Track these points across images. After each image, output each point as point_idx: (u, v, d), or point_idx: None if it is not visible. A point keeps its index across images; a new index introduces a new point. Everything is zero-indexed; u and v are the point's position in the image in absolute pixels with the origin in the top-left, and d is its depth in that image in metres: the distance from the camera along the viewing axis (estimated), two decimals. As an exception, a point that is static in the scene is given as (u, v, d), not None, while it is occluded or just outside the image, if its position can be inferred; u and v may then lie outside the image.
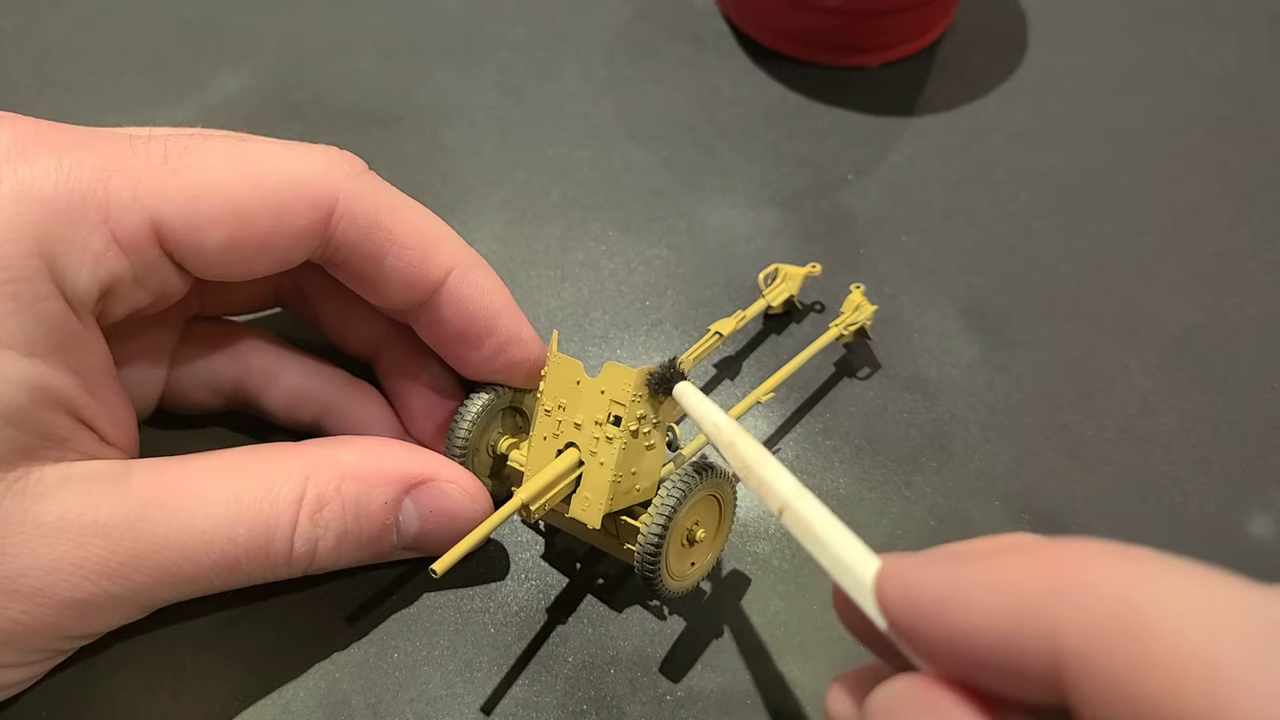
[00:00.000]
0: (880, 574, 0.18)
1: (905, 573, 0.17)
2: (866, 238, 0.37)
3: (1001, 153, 0.40)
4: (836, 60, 0.42)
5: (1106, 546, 0.16)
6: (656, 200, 0.38)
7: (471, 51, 0.42)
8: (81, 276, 0.22)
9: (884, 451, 0.31)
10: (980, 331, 0.34)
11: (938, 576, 0.17)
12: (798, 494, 0.20)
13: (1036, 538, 0.17)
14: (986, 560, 0.16)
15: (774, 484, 0.20)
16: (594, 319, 0.34)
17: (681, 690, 0.26)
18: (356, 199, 0.25)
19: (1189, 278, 0.36)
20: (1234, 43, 0.44)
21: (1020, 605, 0.15)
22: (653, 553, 0.24)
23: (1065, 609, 0.15)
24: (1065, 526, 0.30)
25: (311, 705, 0.26)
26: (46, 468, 0.22)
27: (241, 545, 0.23)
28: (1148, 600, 0.14)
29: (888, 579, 0.18)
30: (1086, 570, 0.15)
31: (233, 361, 0.29)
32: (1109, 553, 0.15)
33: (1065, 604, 0.15)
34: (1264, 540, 0.30)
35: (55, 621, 0.22)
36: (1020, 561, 0.16)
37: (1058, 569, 0.15)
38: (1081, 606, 0.15)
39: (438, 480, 0.26)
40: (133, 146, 0.23)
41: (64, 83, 0.41)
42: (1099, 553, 0.15)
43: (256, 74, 0.41)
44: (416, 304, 0.26)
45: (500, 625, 0.27)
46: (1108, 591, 0.15)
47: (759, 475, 0.21)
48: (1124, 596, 0.14)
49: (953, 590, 0.16)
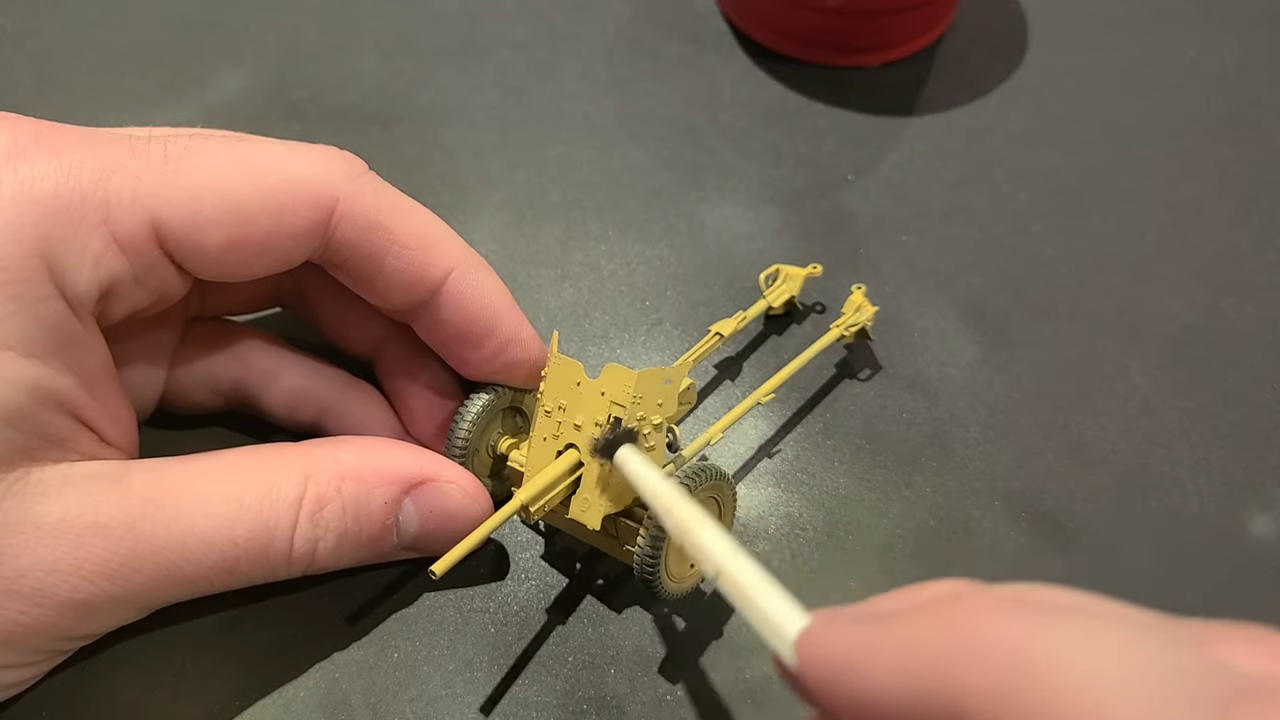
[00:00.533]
0: (800, 636, 0.18)
1: (821, 635, 0.18)
2: (866, 238, 0.37)
3: (1001, 153, 0.40)
4: (836, 60, 0.42)
5: (1008, 598, 0.16)
6: (656, 200, 0.38)
7: (471, 51, 0.42)
8: (81, 277, 0.22)
9: (884, 451, 0.31)
10: (980, 331, 0.34)
11: (849, 638, 0.17)
12: (731, 557, 0.20)
13: (959, 589, 0.17)
14: (897, 620, 0.17)
15: (710, 549, 0.21)
16: (594, 319, 0.34)
17: (681, 690, 0.26)
18: (357, 199, 0.25)
19: (1189, 278, 0.36)
20: (1234, 43, 0.44)
21: (926, 666, 0.15)
22: (652, 555, 0.24)
23: (968, 669, 0.15)
24: (1065, 526, 0.30)
25: (311, 705, 0.26)
26: (46, 468, 0.22)
27: (241, 545, 0.23)
28: (1044, 654, 0.14)
29: (805, 641, 0.18)
30: (988, 626, 0.15)
31: (233, 362, 0.29)
32: (1008, 607, 0.15)
33: (968, 664, 0.15)
34: (1264, 540, 0.30)
35: (55, 622, 0.22)
36: (926, 621, 0.16)
37: (961, 627, 0.15)
38: (982, 666, 0.15)
39: (438, 480, 0.26)
40: (133, 147, 0.23)
41: (64, 83, 0.41)
42: (998, 607, 0.15)
43: (256, 74, 0.41)
44: (417, 304, 0.26)
45: (500, 625, 0.27)
46: (1005, 648, 0.15)
47: (695, 540, 0.21)
48: (1021, 652, 0.14)
49: (862, 652, 0.16)
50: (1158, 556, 0.29)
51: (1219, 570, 0.29)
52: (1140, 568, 0.29)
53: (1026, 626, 0.15)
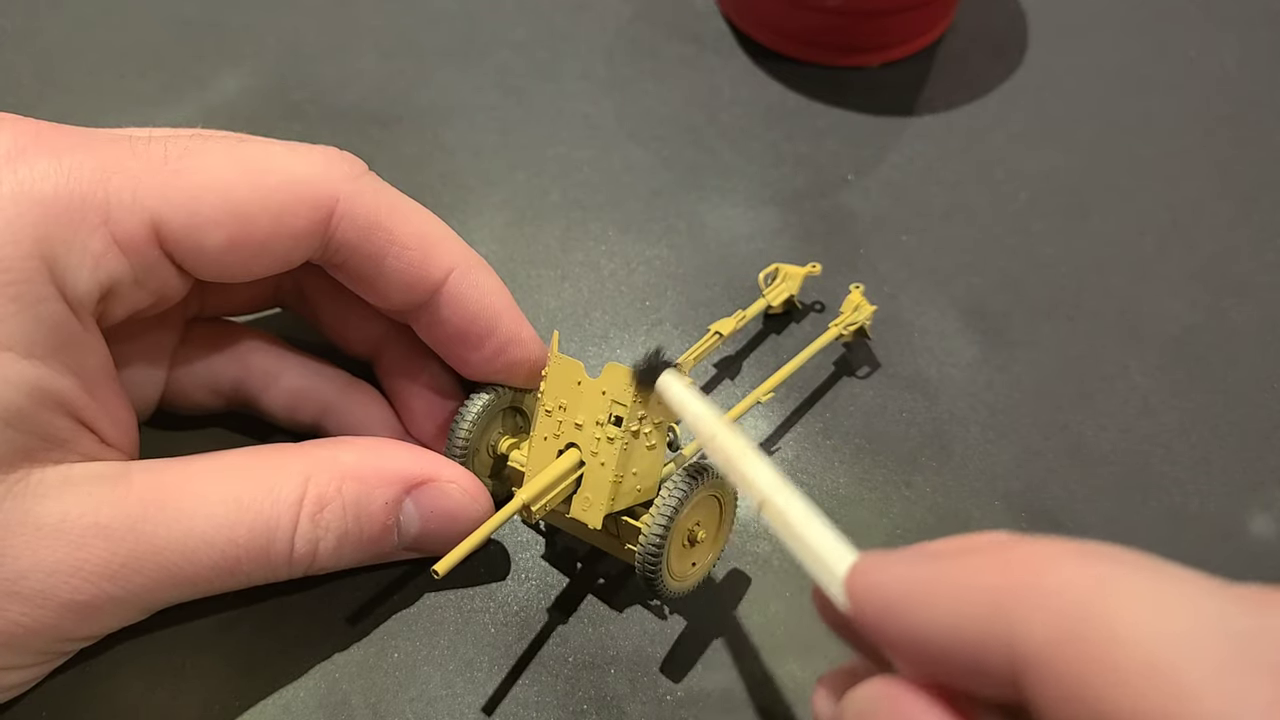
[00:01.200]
0: (851, 570, 0.18)
1: (874, 570, 0.17)
2: (866, 238, 0.37)
3: (1001, 153, 0.40)
4: (836, 60, 0.42)
5: (1072, 547, 0.16)
6: (656, 200, 0.38)
7: (471, 51, 0.42)
8: (82, 278, 0.22)
9: (884, 451, 0.31)
10: (980, 331, 0.34)
11: (905, 574, 0.17)
12: (777, 487, 0.20)
13: (1014, 536, 0.17)
14: (955, 559, 0.16)
15: (754, 478, 0.20)
16: (594, 319, 0.34)
17: (681, 690, 0.26)
18: (357, 200, 0.25)
19: (1189, 278, 0.36)
20: (1234, 43, 0.44)
21: (982, 605, 0.15)
22: (654, 553, 0.24)
23: (1026, 613, 0.15)
24: (1065, 526, 0.30)
25: (311, 705, 0.26)
26: (47, 469, 0.22)
27: (242, 546, 0.23)
28: (1109, 606, 0.14)
29: (857, 576, 0.18)
30: (1050, 573, 0.15)
31: (233, 362, 0.29)
32: (1073, 554, 0.15)
33: (1026, 608, 0.15)
34: (1264, 540, 0.30)
35: (56, 624, 0.22)
36: (986, 562, 0.16)
37: (1021, 570, 0.15)
38: (1043, 609, 0.15)
39: (438, 480, 0.26)
40: (133, 147, 0.23)
41: (64, 83, 0.41)
42: (1063, 554, 0.15)
43: (256, 74, 0.41)
44: (417, 304, 0.26)
45: (500, 625, 0.27)
46: (1070, 595, 0.14)
47: (739, 469, 0.21)
48: (1086, 601, 0.14)
49: (918, 588, 0.16)
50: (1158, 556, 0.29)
51: (1219, 570, 0.29)
52: (1140, 567, 0.29)
53: (1091, 576, 0.15)
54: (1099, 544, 0.16)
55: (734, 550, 0.29)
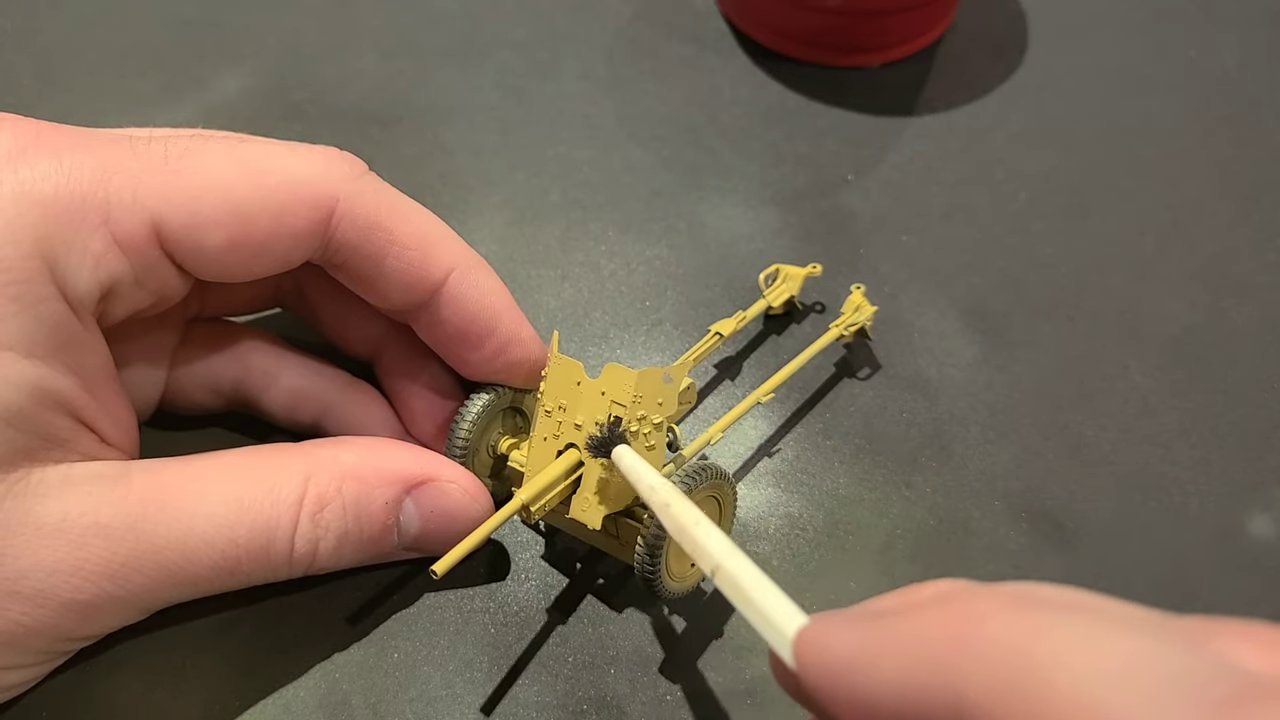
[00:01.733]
0: (797, 636, 0.18)
1: (820, 635, 0.17)
2: (866, 238, 0.37)
3: (1001, 153, 0.39)
4: (836, 60, 0.42)
5: (1009, 595, 0.16)
6: (656, 200, 0.38)
7: (471, 51, 0.42)
8: (82, 278, 0.22)
9: (884, 451, 0.31)
10: (980, 331, 0.34)
11: (849, 637, 0.17)
12: (729, 554, 0.20)
13: (955, 587, 0.17)
14: (897, 617, 0.16)
15: (707, 545, 0.21)
16: (594, 319, 0.34)
17: (681, 690, 0.26)
18: (357, 200, 0.25)
19: (1189, 278, 0.36)
20: (1234, 43, 0.44)
21: (925, 663, 0.15)
22: (653, 554, 0.24)
23: (967, 666, 0.15)
24: (1065, 526, 0.30)
25: (311, 705, 0.26)
26: (47, 469, 0.22)
27: (242, 546, 0.23)
28: (1046, 653, 0.14)
29: (803, 642, 0.18)
30: (988, 624, 0.15)
31: (232, 362, 0.29)
32: (1010, 603, 0.15)
33: (967, 660, 0.15)
34: (1264, 540, 0.30)
35: (56, 623, 0.22)
36: (926, 618, 0.16)
37: (960, 623, 0.15)
38: (982, 661, 0.15)
39: (438, 480, 0.26)
40: (133, 148, 0.23)
41: (64, 83, 0.41)
42: (1000, 604, 0.15)
43: (256, 74, 0.41)
44: (417, 305, 0.26)
45: (500, 625, 0.27)
46: (1007, 645, 0.15)
47: (692, 537, 0.21)
48: (1022, 649, 0.14)
49: (862, 652, 0.16)
50: (1158, 556, 0.29)
51: (1219, 570, 0.29)
52: (1140, 568, 0.29)
53: (1027, 624, 0.15)
54: (1037, 587, 0.16)
55: (734, 550, 0.29)
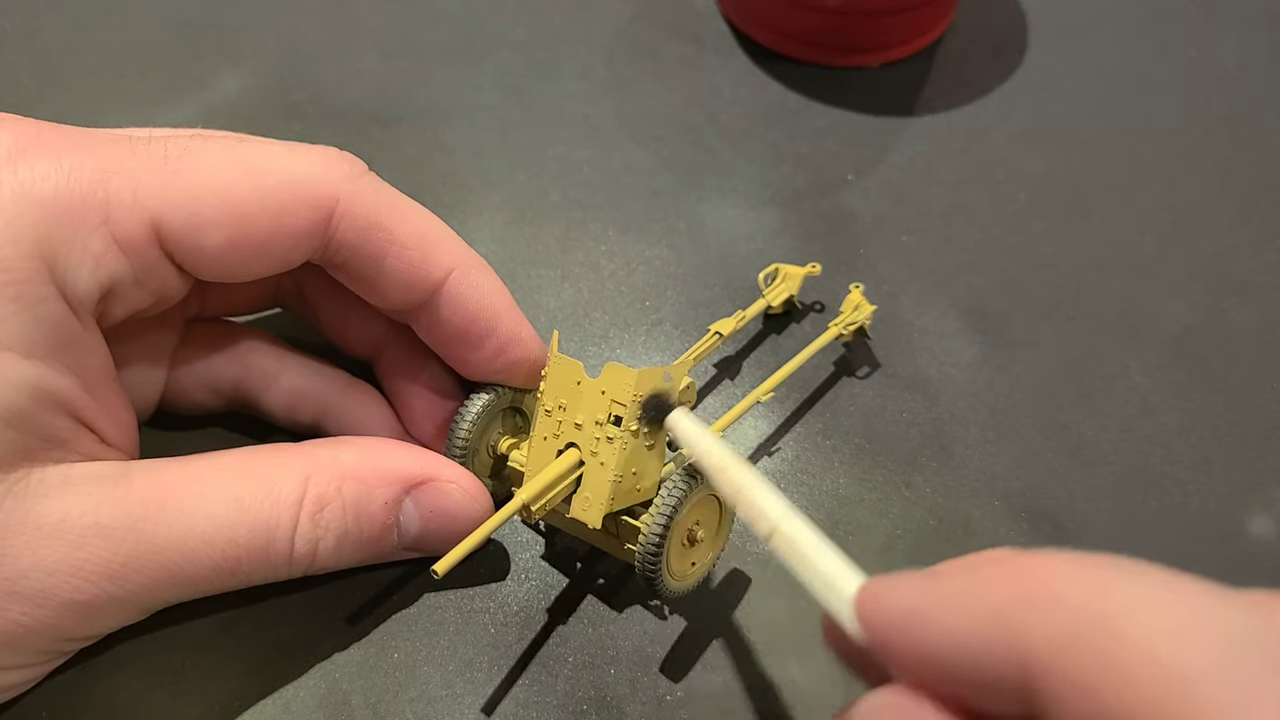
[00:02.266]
0: (860, 592, 0.18)
1: (882, 590, 0.18)
2: (866, 238, 0.37)
3: (1001, 153, 0.39)
4: (836, 60, 0.42)
5: (1072, 556, 0.16)
6: (656, 200, 0.38)
7: (471, 51, 0.42)
8: (82, 278, 0.22)
9: (884, 451, 0.31)
10: (980, 331, 0.34)
11: (912, 592, 0.17)
12: (786, 516, 0.20)
13: (1013, 551, 0.17)
14: (959, 575, 0.17)
15: (764, 507, 0.21)
16: (594, 319, 0.34)
17: (681, 690, 0.26)
18: (357, 200, 0.25)
19: (1189, 278, 0.36)
20: (1234, 43, 0.44)
21: (989, 618, 0.16)
22: (654, 553, 0.24)
23: (1033, 619, 0.15)
24: (1065, 526, 0.30)
25: (311, 705, 0.26)
26: (47, 469, 0.22)
27: (242, 546, 0.23)
28: (1114, 608, 0.14)
29: (866, 596, 0.18)
30: (1053, 580, 0.15)
31: (232, 362, 0.29)
32: (1075, 562, 0.16)
33: (1033, 614, 0.15)
34: (1264, 540, 0.30)
35: (57, 623, 0.22)
36: (989, 575, 0.16)
37: (1025, 580, 0.16)
38: (1049, 616, 0.15)
39: (438, 480, 0.26)
40: (133, 148, 0.23)
41: (64, 83, 0.41)
42: (1065, 562, 0.16)
43: (256, 74, 0.41)
44: (417, 305, 0.26)
45: (500, 625, 0.27)
46: (1074, 600, 0.15)
47: (749, 499, 0.21)
48: (1091, 605, 0.15)
49: (926, 605, 0.17)
50: (1158, 557, 0.29)
51: (1219, 570, 0.29)
52: (1140, 568, 0.29)
53: (1094, 581, 0.15)
54: (1096, 555, 0.16)
55: (734, 550, 0.29)
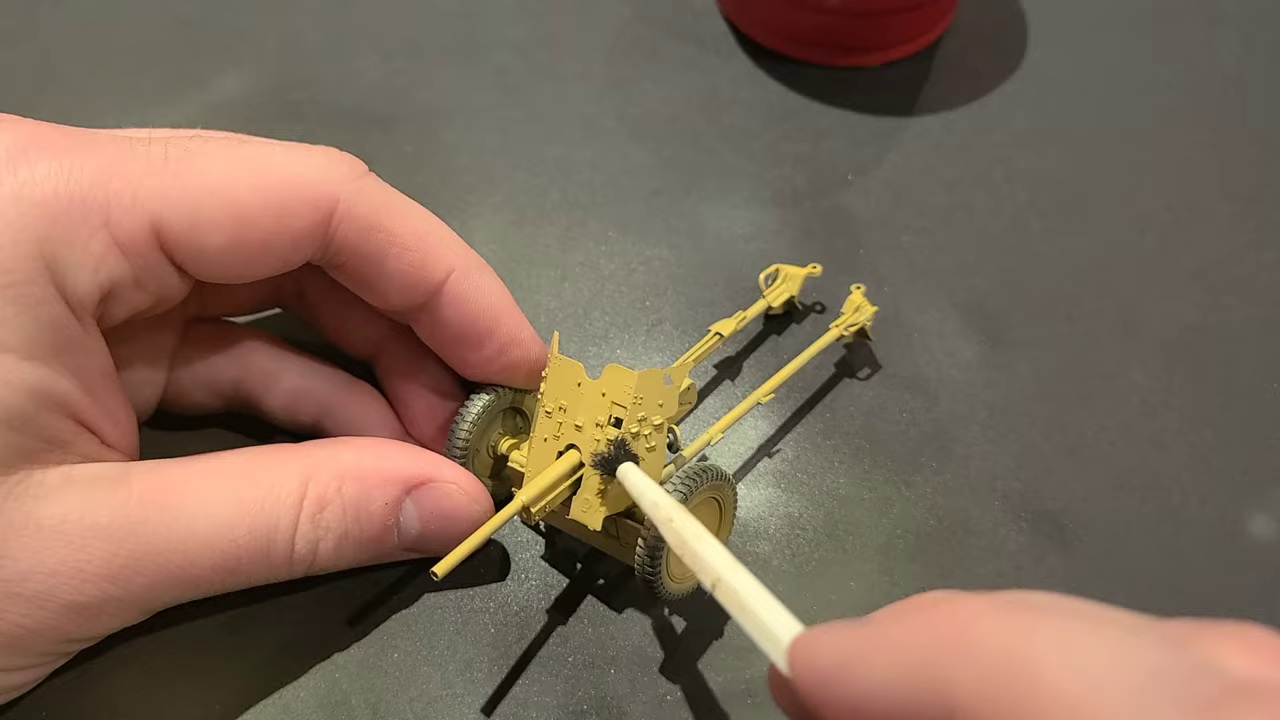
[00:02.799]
0: (792, 643, 0.18)
1: (813, 641, 0.18)
2: (866, 238, 0.37)
3: (1001, 153, 0.39)
4: (836, 60, 0.42)
5: (996, 601, 0.16)
6: (656, 200, 0.38)
7: (471, 51, 0.42)
8: (82, 280, 0.22)
9: (884, 451, 0.31)
10: (980, 331, 0.34)
11: (842, 641, 0.17)
12: (730, 568, 0.20)
13: (943, 595, 0.17)
14: (888, 622, 0.17)
15: (708, 559, 0.21)
16: (594, 319, 0.34)
17: (681, 690, 0.26)
18: (357, 200, 0.25)
19: (1189, 278, 0.36)
20: (1234, 42, 0.44)
21: (914, 665, 0.16)
22: (654, 555, 0.24)
23: (955, 666, 0.15)
24: (1065, 526, 0.30)
25: (311, 705, 0.26)
26: (48, 471, 0.22)
27: (243, 546, 0.23)
28: (1032, 653, 0.15)
29: (798, 648, 0.18)
30: (975, 625, 0.15)
31: (232, 363, 0.29)
32: (997, 607, 0.16)
33: (955, 661, 0.15)
34: (1264, 540, 0.30)
35: (58, 625, 0.22)
36: (915, 622, 0.16)
37: (948, 627, 0.16)
38: (971, 663, 0.15)
39: (438, 481, 0.26)
40: (133, 149, 0.23)
41: (64, 83, 0.41)
42: (987, 608, 0.16)
43: (256, 74, 0.41)
44: (417, 305, 0.26)
45: (500, 625, 0.27)
46: (995, 646, 0.15)
47: (694, 550, 0.21)
48: (1010, 651, 0.15)
49: (852, 654, 0.17)
50: (1158, 556, 0.29)
51: (1219, 570, 0.29)
52: (1140, 568, 0.29)
53: (1013, 626, 0.15)
54: (1022, 593, 0.17)
55: (734, 550, 0.29)
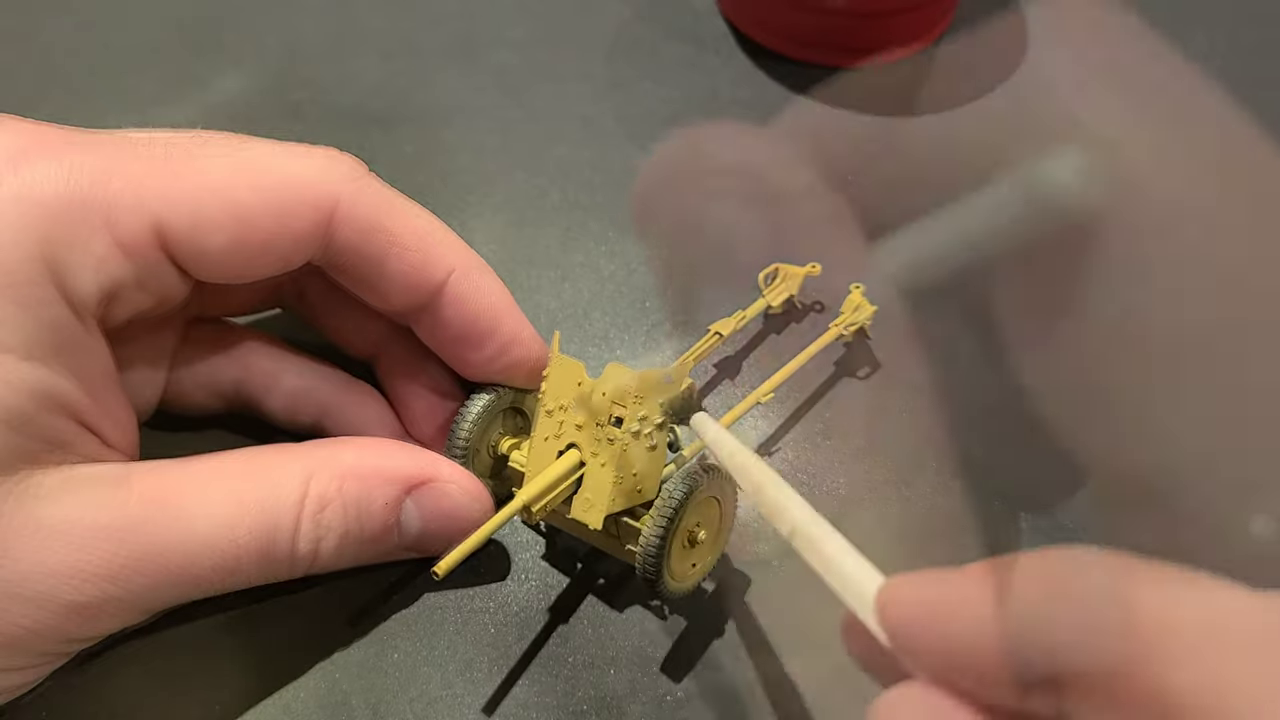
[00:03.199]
0: (882, 589, 0.18)
1: (905, 587, 0.18)
2: (866, 237, 0.37)
3: (1001, 153, 0.39)
4: (836, 60, 0.42)
5: (1096, 553, 0.16)
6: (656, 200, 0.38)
7: (471, 51, 0.42)
8: (84, 280, 0.22)
9: (884, 452, 0.31)
10: (980, 331, 0.34)
11: (933, 588, 0.17)
12: (810, 518, 0.21)
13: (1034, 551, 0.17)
14: (982, 569, 0.17)
15: (787, 507, 0.21)
16: (594, 320, 0.34)
17: (681, 690, 0.26)
18: (357, 201, 0.25)
19: (1191, 277, 0.36)
20: (1234, 41, 0.44)
21: (1013, 611, 0.16)
22: (654, 554, 0.25)
23: (1058, 610, 0.15)
24: (1065, 526, 0.30)
25: (311, 705, 0.26)
26: (48, 471, 0.22)
27: (243, 546, 0.23)
28: (1143, 599, 0.15)
29: (889, 593, 0.18)
30: (1079, 577, 0.15)
31: (233, 363, 0.29)
32: (1100, 559, 0.16)
33: (1058, 605, 0.15)
34: (1264, 540, 0.30)
35: (58, 625, 0.22)
36: (1015, 569, 0.16)
37: (1051, 577, 0.16)
38: (1075, 607, 0.15)
39: (439, 480, 0.26)
40: (134, 149, 0.23)
41: (64, 83, 0.41)
42: (1090, 560, 0.16)
43: (256, 74, 0.41)
44: (417, 306, 0.26)
45: (500, 625, 0.27)
46: (1101, 594, 0.15)
47: (772, 498, 0.21)
48: (1119, 595, 0.15)
49: (950, 601, 0.17)
50: (1158, 557, 0.29)
51: (1219, 570, 0.29)
52: (1140, 568, 0.29)
53: (1115, 569, 0.15)
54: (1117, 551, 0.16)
55: (734, 550, 0.29)
